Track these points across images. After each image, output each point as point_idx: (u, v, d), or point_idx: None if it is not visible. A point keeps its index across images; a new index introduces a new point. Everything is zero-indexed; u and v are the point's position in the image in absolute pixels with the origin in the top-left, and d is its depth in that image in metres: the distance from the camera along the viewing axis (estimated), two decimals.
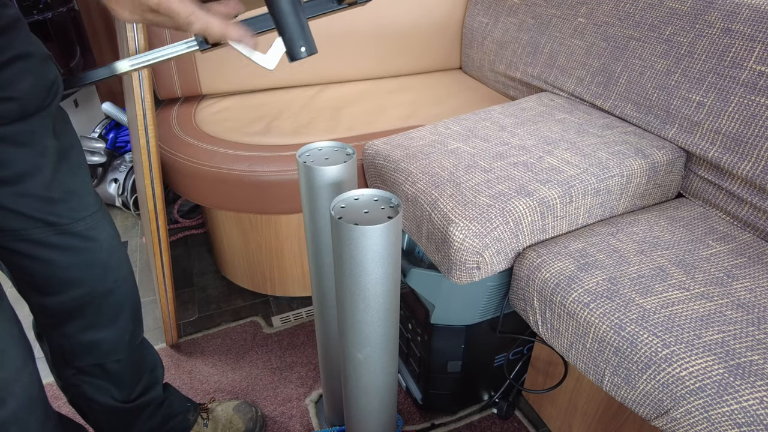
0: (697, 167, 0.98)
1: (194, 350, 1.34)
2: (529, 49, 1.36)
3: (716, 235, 0.87)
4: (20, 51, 0.62)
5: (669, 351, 0.66)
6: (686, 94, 0.96)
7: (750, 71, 0.86)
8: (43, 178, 0.68)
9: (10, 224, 0.68)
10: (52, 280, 0.75)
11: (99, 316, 0.80)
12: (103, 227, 0.78)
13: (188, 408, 1.03)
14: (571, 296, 0.77)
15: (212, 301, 1.52)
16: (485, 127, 1.08)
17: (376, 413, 0.82)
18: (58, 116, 0.70)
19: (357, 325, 0.70)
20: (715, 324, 0.68)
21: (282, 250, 1.35)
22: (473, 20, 1.61)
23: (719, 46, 0.91)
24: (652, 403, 0.67)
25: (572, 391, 1.00)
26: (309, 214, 0.79)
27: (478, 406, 1.19)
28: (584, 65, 1.18)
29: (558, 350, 0.82)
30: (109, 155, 1.86)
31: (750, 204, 0.88)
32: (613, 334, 0.70)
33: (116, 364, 0.85)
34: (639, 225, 0.89)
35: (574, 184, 0.88)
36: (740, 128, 0.88)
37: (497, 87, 1.55)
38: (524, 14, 1.39)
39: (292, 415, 1.17)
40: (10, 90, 0.61)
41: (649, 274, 0.77)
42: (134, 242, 1.79)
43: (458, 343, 1.03)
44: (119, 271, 0.81)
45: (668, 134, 0.99)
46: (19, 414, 0.65)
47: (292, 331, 1.40)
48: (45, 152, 0.67)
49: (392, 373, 0.79)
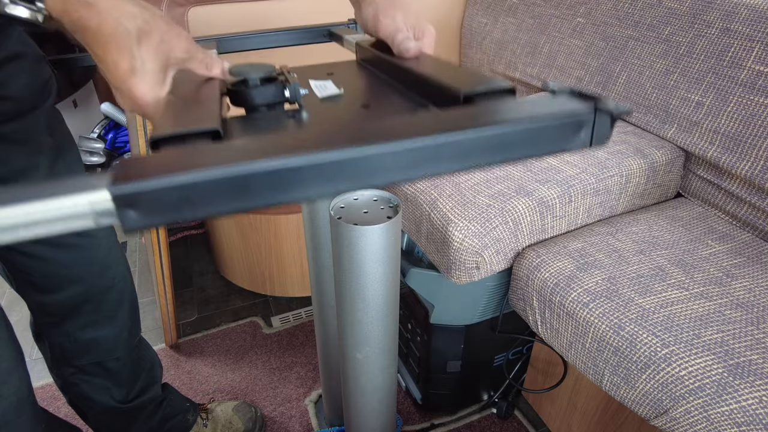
0: (696, 167, 0.98)
1: (194, 350, 1.34)
2: (528, 49, 1.36)
3: (715, 234, 0.87)
4: (13, 51, 0.62)
5: (668, 350, 0.66)
6: (685, 93, 0.96)
7: (749, 71, 0.86)
8: (39, 176, 0.68)
9: None
10: (50, 277, 0.75)
11: (98, 313, 0.80)
12: None
13: (187, 408, 1.03)
14: (571, 296, 0.77)
15: (212, 302, 1.52)
16: None
17: (376, 413, 0.82)
18: (52, 115, 0.70)
19: (356, 325, 0.70)
20: (715, 323, 0.68)
21: (281, 250, 1.35)
22: (472, 20, 1.61)
23: (718, 46, 0.91)
24: (651, 402, 0.67)
25: (571, 391, 1.00)
26: (308, 214, 0.79)
27: (478, 406, 1.19)
28: (583, 65, 1.18)
29: (557, 350, 0.82)
30: (108, 155, 1.86)
31: (749, 203, 0.89)
32: (613, 333, 0.70)
33: (115, 363, 0.85)
34: (638, 225, 0.89)
35: (573, 184, 0.88)
36: (739, 128, 0.88)
37: None
38: (523, 14, 1.39)
39: (291, 415, 1.17)
40: (4, 90, 0.61)
41: (648, 273, 0.77)
42: (133, 242, 1.79)
43: (458, 343, 1.03)
44: (117, 268, 0.82)
45: (667, 134, 0.99)
46: (8, 416, 0.66)
47: (292, 332, 1.40)
48: (40, 150, 0.68)
49: (392, 373, 0.79)
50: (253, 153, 0.26)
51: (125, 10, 0.38)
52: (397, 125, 0.29)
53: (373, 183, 0.29)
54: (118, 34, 0.38)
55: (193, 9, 1.37)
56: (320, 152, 0.26)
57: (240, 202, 0.27)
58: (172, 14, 1.35)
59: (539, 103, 0.33)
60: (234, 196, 0.26)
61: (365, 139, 0.28)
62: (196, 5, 1.37)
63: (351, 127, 0.30)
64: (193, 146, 0.31)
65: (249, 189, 0.26)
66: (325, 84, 0.52)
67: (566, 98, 0.35)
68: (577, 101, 0.34)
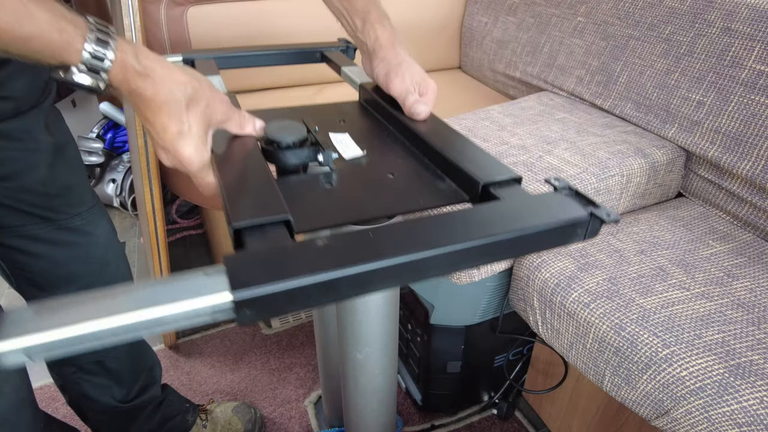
0: (697, 167, 0.98)
1: (193, 351, 1.34)
2: (528, 49, 1.36)
3: (716, 234, 0.87)
4: None
5: (669, 351, 0.65)
6: (686, 93, 0.96)
7: (750, 70, 0.86)
8: (39, 174, 0.68)
9: (7, 220, 0.68)
10: (49, 275, 0.75)
11: None
12: (100, 222, 0.78)
13: (187, 409, 1.03)
14: (571, 296, 0.76)
15: None
16: (485, 126, 1.08)
17: (376, 414, 0.81)
18: (51, 113, 0.70)
19: (356, 326, 0.70)
20: (716, 324, 0.68)
21: None
22: (472, 19, 1.61)
23: (719, 46, 0.91)
24: (652, 403, 0.67)
25: (572, 392, 1.00)
26: None
27: (478, 406, 1.18)
28: (584, 64, 1.18)
29: (558, 350, 0.82)
30: (107, 155, 1.86)
31: (750, 203, 0.88)
32: (614, 334, 0.70)
33: (116, 362, 0.85)
34: (639, 225, 0.89)
35: (574, 184, 0.87)
36: (740, 127, 0.87)
37: (497, 86, 1.54)
38: (524, 13, 1.39)
39: (291, 416, 1.16)
40: (4, 89, 0.61)
41: (649, 274, 0.77)
42: (132, 243, 1.78)
43: (458, 344, 1.02)
44: (117, 266, 0.82)
45: (668, 134, 0.99)
46: (8, 415, 0.66)
47: (291, 332, 1.40)
48: (40, 148, 0.68)
49: (392, 374, 0.79)
50: (340, 259, 0.33)
51: (177, 79, 0.43)
52: (446, 231, 0.38)
53: (425, 277, 0.37)
54: (169, 102, 0.43)
55: (192, 8, 1.36)
56: (393, 258, 0.34)
57: (330, 298, 0.34)
58: (171, 13, 1.34)
59: (547, 203, 0.42)
60: (326, 294, 0.33)
61: (425, 245, 0.35)
62: (196, 4, 1.37)
63: (410, 230, 0.38)
64: (280, 242, 0.38)
65: (338, 288, 0.33)
66: (346, 140, 0.59)
67: (568, 198, 0.43)
68: (577, 204, 0.42)
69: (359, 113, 0.68)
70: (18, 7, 0.36)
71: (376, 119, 0.66)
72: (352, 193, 0.49)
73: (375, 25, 0.63)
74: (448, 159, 0.52)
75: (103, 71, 0.40)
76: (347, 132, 0.61)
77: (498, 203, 0.44)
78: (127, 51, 0.41)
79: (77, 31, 0.39)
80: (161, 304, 0.29)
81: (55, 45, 0.38)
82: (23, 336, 0.27)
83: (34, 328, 0.28)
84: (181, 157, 0.45)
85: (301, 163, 0.53)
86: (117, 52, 0.40)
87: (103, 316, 0.28)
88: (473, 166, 0.49)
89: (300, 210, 0.45)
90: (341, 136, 0.60)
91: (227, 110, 0.49)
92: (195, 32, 1.38)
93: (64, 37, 0.38)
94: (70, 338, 0.28)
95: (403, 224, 0.38)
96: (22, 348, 0.27)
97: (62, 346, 0.28)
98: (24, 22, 0.36)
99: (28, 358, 0.28)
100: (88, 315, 0.28)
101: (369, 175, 0.53)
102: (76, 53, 0.39)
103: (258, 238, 0.38)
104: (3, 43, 0.36)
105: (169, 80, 0.43)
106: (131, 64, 0.41)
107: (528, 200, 0.44)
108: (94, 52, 0.39)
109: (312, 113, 0.66)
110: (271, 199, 0.42)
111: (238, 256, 0.34)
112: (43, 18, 0.37)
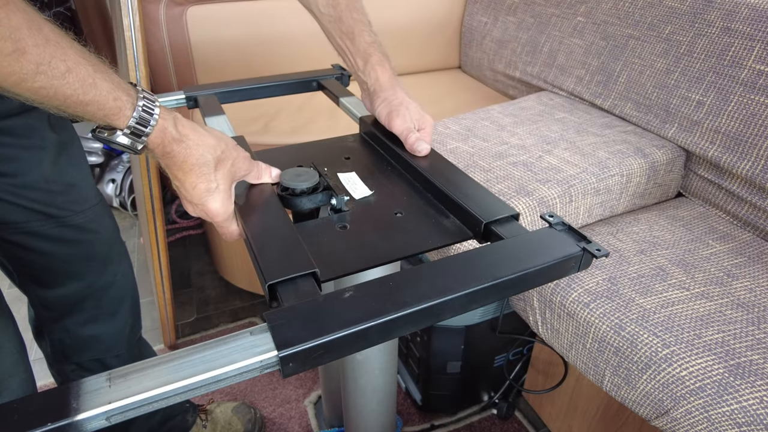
0: (697, 166, 0.98)
1: None
2: (528, 48, 1.36)
3: (716, 234, 0.87)
4: None
5: (669, 351, 0.65)
6: (686, 93, 0.96)
7: (749, 70, 0.86)
8: (43, 171, 0.68)
9: (11, 217, 0.68)
10: (52, 272, 0.75)
11: (98, 309, 0.80)
12: (103, 220, 0.78)
13: (187, 409, 1.03)
14: (571, 296, 0.76)
15: (210, 302, 1.51)
16: (484, 126, 1.08)
17: (375, 414, 0.81)
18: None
19: None
20: (715, 324, 0.68)
21: None
22: (472, 19, 1.61)
23: (719, 45, 0.91)
24: (652, 403, 0.67)
25: (572, 392, 1.00)
26: None
27: (478, 406, 1.18)
28: (584, 64, 1.18)
29: (558, 350, 0.81)
30: (106, 155, 1.86)
31: (750, 203, 0.88)
32: (613, 334, 0.70)
33: (116, 360, 0.85)
34: (639, 224, 0.89)
35: (574, 184, 0.87)
36: (740, 127, 0.87)
37: (496, 86, 1.54)
38: (523, 13, 1.39)
39: (291, 416, 1.16)
40: None
41: (649, 273, 0.77)
42: (132, 243, 1.78)
43: (458, 344, 1.02)
44: (119, 264, 0.82)
45: (668, 133, 0.99)
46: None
47: None
48: (44, 145, 0.68)
49: (391, 374, 0.79)
50: (368, 312, 0.38)
51: (207, 143, 0.48)
52: (458, 275, 0.43)
53: (441, 319, 0.42)
54: (200, 164, 0.48)
55: (192, 8, 1.36)
56: (416, 306, 0.39)
57: (360, 346, 0.39)
58: (171, 13, 1.34)
59: (544, 241, 0.48)
60: (357, 343, 0.38)
61: (442, 292, 0.41)
62: (195, 4, 1.37)
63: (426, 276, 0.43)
64: (310, 294, 0.42)
65: (368, 337, 0.38)
66: (354, 180, 0.62)
67: (562, 233, 0.49)
68: (570, 240, 0.48)
69: (362, 147, 0.71)
70: (86, 78, 0.40)
71: (379, 154, 0.69)
72: (364, 236, 0.53)
73: (376, 67, 0.66)
74: (451, 197, 0.56)
75: (144, 135, 0.45)
76: (354, 171, 0.64)
77: (501, 244, 0.48)
78: (167, 119, 0.46)
79: (129, 99, 0.43)
80: (218, 368, 0.35)
81: (108, 110, 0.43)
82: (102, 407, 0.32)
83: (111, 398, 0.33)
84: (208, 211, 0.50)
85: (316, 207, 0.58)
86: (159, 120, 0.45)
87: (169, 383, 0.34)
88: (475, 204, 0.53)
89: (322, 258, 0.49)
90: (349, 176, 0.63)
91: (249, 165, 0.54)
92: (195, 32, 1.38)
93: (118, 104, 0.43)
94: (142, 402, 0.33)
95: (418, 270, 0.43)
96: (103, 412, 0.32)
97: (135, 407, 0.33)
98: (88, 90, 0.40)
99: (106, 421, 0.32)
100: (155, 383, 0.33)
101: (378, 215, 0.56)
102: (125, 119, 0.43)
103: (290, 291, 0.43)
104: (64, 106, 0.40)
105: (201, 145, 0.48)
106: (170, 131, 0.46)
107: (527, 238, 0.48)
108: (140, 119, 0.44)
109: (317, 150, 0.70)
110: (299, 254, 0.46)
111: (277, 314, 0.38)
112: (105, 87, 0.41)
